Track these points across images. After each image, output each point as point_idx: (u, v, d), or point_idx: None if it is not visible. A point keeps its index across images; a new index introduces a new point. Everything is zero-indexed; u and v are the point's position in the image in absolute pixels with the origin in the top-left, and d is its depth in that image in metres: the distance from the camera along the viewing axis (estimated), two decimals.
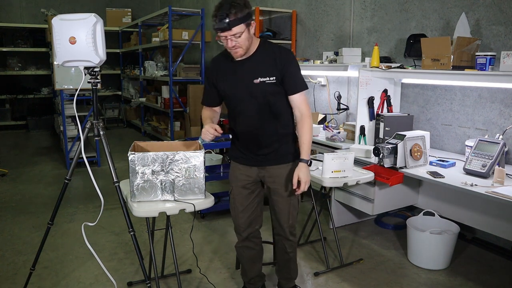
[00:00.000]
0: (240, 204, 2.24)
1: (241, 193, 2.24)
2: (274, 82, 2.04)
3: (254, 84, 2.04)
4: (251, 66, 2.05)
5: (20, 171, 5.27)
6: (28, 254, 3.03)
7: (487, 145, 2.64)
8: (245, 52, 2.02)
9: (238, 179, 2.23)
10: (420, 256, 2.87)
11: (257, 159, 2.17)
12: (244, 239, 2.32)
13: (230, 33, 1.89)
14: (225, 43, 1.95)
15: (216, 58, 2.19)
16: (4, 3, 8.29)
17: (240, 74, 2.07)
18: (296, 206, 2.25)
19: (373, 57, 3.35)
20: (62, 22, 2.07)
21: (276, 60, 2.04)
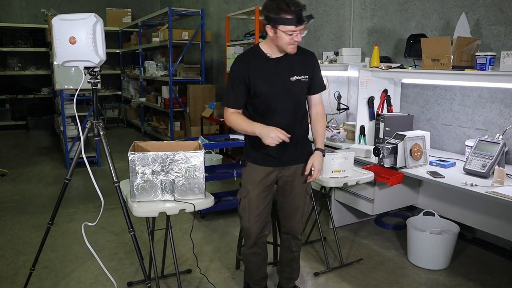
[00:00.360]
0: (256, 207, 2.19)
1: (258, 196, 2.19)
2: (307, 80, 2.13)
3: (291, 82, 2.09)
4: (288, 64, 2.10)
5: (20, 171, 5.27)
6: (28, 254, 3.03)
7: (487, 145, 2.64)
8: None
9: (257, 182, 2.18)
10: (420, 256, 2.87)
11: (280, 159, 2.16)
12: (253, 245, 2.27)
13: (301, 28, 1.96)
14: (292, 37, 1.97)
15: (244, 57, 2.14)
16: (4, 3, 8.29)
17: (277, 71, 2.09)
18: (309, 204, 2.31)
19: (373, 57, 3.35)
20: (62, 22, 2.08)
21: (307, 61, 2.15)
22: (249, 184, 2.19)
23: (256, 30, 4.89)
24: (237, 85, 2.09)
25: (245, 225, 2.24)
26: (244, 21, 6.11)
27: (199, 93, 6.31)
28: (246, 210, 2.21)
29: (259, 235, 2.25)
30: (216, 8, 6.98)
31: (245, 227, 2.24)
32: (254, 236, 2.24)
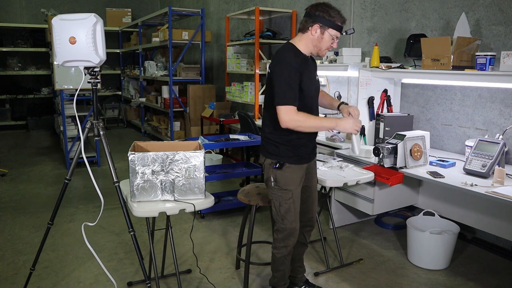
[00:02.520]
0: (299, 206, 2.26)
1: (299, 194, 2.26)
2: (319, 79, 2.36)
3: (317, 81, 2.32)
4: (313, 65, 2.27)
5: (20, 171, 5.27)
6: (28, 254, 3.03)
7: (487, 145, 2.64)
8: None
9: (298, 181, 2.23)
10: (420, 256, 2.87)
11: (310, 156, 2.30)
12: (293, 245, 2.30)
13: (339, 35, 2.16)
14: (331, 43, 2.15)
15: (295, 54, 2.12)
16: (4, 3, 8.29)
17: (313, 71, 2.25)
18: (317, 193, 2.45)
19: (373, 57, 3.35)
20: (62, 22, 2.08)
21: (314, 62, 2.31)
22: (292, 185, 2.20)
23: (256, 30, 4.89)
24: (294, 80, 2.04)
25: (291, 226, 2.23)
26: (244, 21, 6.11)
27: (199, 93, 6.32)
28: (291, 210, 2.21)
29: (299, 230, 2.31)
30: (216, 8, 6.98)
31: (291, 228, 2.23)
32: (297, 234, 2.28)
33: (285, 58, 2.08)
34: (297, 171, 2.22)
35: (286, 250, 2.28)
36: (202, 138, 3.77)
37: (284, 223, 2.22)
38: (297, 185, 2.23)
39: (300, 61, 2.10)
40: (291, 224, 2.22)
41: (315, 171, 2.41)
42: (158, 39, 6.58)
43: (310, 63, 2.21)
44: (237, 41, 5.51)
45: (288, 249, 2.29)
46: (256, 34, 4.90)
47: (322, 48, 2.14)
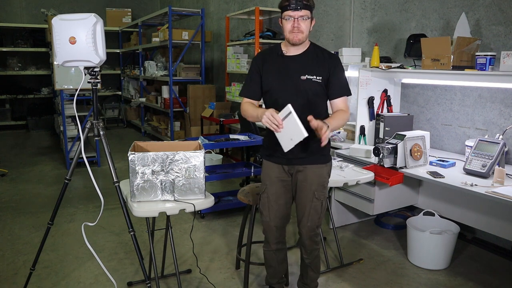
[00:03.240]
0: (276, 202, 2.22)
1: (277, 191, 2.22)
2: (319, 81, 2.12)
3: (301, 81, 2.11)
4: (300, 62, 2.14)
5: (20, 171, 5.27)
6: (28, 254, 3.03)
7: (487, 145, 2.64)
8: (302, 41, 2.10)
9: (273, 177, 2.22)
10: (420, 256, 2.87)
11: (288, 157, 2.16)
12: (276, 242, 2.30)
13: (299, 14, 2.03)
14: (291, 24, 2.05)
15: (263, 52, 2.26)
16: (4, 3, 8.29)
17: (289, 69, 2.13)
18: (318, 210, 2.20)
19: (373, 57, 3.35)
20: (62, 22, 2.08)
21: (325, 62, 2.14)
22: (267, 180, 2.23)
23: (256, 30, 4.89)
24: (252, 77, 2.19)
25: (266, 220, 2.26)
26: (244, 21, 6.11)
27: (199, 93, 6.32)
28: (266, 205, 2.24)
29: (279, 230, 2.28)
30: (216, 8, 6.98)
31: (266, 222, 2.26)
32: (274, 231, 2.26)
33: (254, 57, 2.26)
34: (271, 167, 2.22)
35: (268, 246, 2.32)
36: (202, 138, 3.77)
37: (262, 217, 2.28)
38: (272, 182, 2.21)
39: (262, 58, 2.19)
40: (266, 218, 2.27)
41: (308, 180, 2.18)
42: (158, 39, 6.58)
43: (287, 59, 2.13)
44: (237, 41, 5.51)
45: (269, 245, 2.31)
46: (256, 34, 4.90)
47: (286, 35, 2.09)
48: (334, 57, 2.20)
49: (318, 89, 2.12)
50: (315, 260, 2.33)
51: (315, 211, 2.20)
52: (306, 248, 2.28)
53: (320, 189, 2.19)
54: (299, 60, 2.14)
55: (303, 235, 2.25)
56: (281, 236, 2.33)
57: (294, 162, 2.19)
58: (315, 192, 2.18)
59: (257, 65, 2.19)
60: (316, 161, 2.19)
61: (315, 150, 2.15)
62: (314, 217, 2.21)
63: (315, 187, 2.18)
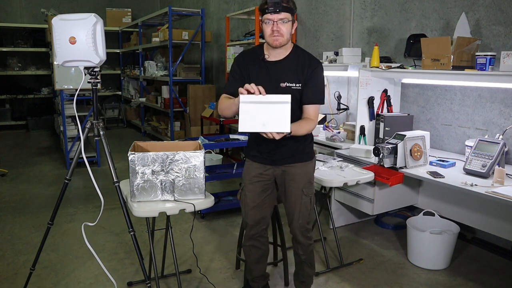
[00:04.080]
0: (252, 201, 2.24)
1: (254, 191, 2.24)
2: (299, 88, 2.11)
3: (281, 87, 2.10)
4: (281, 69, 2.12)
5: (20, 171, 5.27)
6: (28, 254, 3.03)
7: (487, 145, 2.64)
8: (282, 45, 2.06)
9: (252, 177, 2.24)
10: (420, 256, 2.87)
11: (273, 158, 2.19)
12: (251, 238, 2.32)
13: (278, 17, 1.99)
14: (270, 27, 2.01)
15: (245, 53, 2.24)
16: (4, 3, 8.29)
17: (270, 75, 2.12)
18: (307, 206, 2.24)
19: (373, 57, 3.35)
20: (62, 22, 2.08)
21: (304, 68, 2.11)
22: (246, 179, 2.27)
23: (256, 30, 4.89)
24: (237, 74, 2.16)
25: (243, 216, 2.33)
26: (244, 21, 6.11)
27: (199, 93, 6.32)
28: (243, 202, 2.29)
29: (254, 227, 2.29)
30: (216, 8, 6.98)
31: (244, 220, 2.32)
32: (249, 228, 2.30)
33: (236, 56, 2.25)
34: (253, 168, 2.25)
35: (246, 241, 2.35)
36: (202, 138, 3.77)
37: (242, 214, 2.33)
38: (250, 181, 2.24)
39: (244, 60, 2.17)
40: (243, 215, 2.32)
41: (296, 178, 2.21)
42: (158, 39, 6.58)
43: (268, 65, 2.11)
44: (237, 41, 5.51)
45: (247, 241, 2.34)
46: (256, 34, 4.90)
47: (267, 39, 2.06)
48: (315, 62, 2.15)
49: (297, 96, 2.11)
50: (310, 255, 2.37)
51: (305, 207, 2.24)
52: (302, 244, 2.31)
53: (308, 186, 2.24)
54: (280, 66, 2.11)
55: (296, 233, 2.28)
56: (257, 235, 2.33)
57: (280, 163, 2.20)
58: (303, 189, 2.22)
59: (240, 66, 2.17)
60: (302, 159, 2.23)
61: (298, 149, 2.20)
62: (304, 213, 2.24)
63: (303, 184, 2.22)
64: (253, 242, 2.34)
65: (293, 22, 2.07)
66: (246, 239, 2.36)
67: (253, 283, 2.48)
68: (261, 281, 2.48)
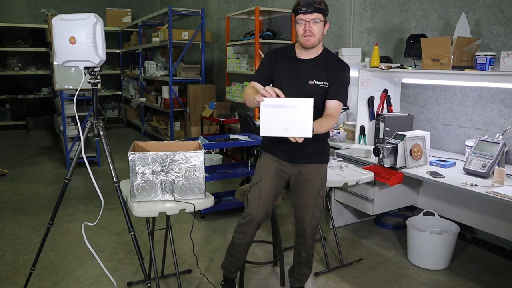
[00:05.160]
0: (266, 196, 2.23)
1: (270, 186, 2.24)
2: (326, 87, 2.16)
3: (309, 85, 2.15)
4: (311, 67, 2.17)
5: (20, 171, 5.27)
6: (28, 254, 3.03)
7: (487, 145, 2.64)
8: (314, 45, 2.12)
9: (270, 171, 2.24)
10: (420, 256, 2.87)
11: (293, 155, 2.20)
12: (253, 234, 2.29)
13: (310, 17, 2.05)
14: (302, 27, 2.07)
15: (277, 50, 2.28)
16: (4, 3, 8.29)
17: (299, 72, 2.17)
18: (321, 207, 2.26)
19: (373, 57, 3.35)
20: (62, 22, 2.08)
21: (333, 69, 2.17)
22: (263, 172, 2.25)
23: (256, 30, 4.89)
24: (264, 68, 2.22)
25: (252, 212, 2.23)
26: (244, 21, 6.11)
27: (199, 93, 6.31)
28: (256, 197, 2.23)
29: (260, 225, 2.28)
30: (216, 8, 6.98)
31: (251, 214, 2.23)
32: (256, 224, 2.25)
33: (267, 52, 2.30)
34: (271, 161, 2.25)
35: (244, 237, 2.29)
36: (202, 138, 3.77)
37: (248, 209, 2.25)
38: (268, 176, 2.24)
39: (276, 56, 2.23)
40: (252, 211, 2.23)
41: (312, 179, 2.23)
42: (158, 39, 6.58)
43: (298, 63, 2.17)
44: (237, 41, 5.51)
45: (246, 237, 2.28)
46: (256, 34, 4.90)
47: (299, 38, 2.12)
48: (344, 65, 2.21)
49: (323, 94, 2.17)
50: (311, 257, 2.38)
51: (319, 209, 2.25)
52: (307, 246, 2.30)
53: (323, 187, 2.27)
54: (310, 64, 2.17)
55: (307, 233, 2.26)
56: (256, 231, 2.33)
57: (298, 161, 2.22)
58: (320, 190, 2.24)
59: (271, 61, 2.23)
60: (319, 160, 2.26)
61: (317, 150, 2.22)
62: (318, 215, 2.26)
63: (319, 185, 2.24)
64: (252, 239, 2.34)
65: (325, 23, 2.13)
66: (246, 236, 2.30)
67: (233, 274, 2.48)
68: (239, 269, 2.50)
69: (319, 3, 2.06)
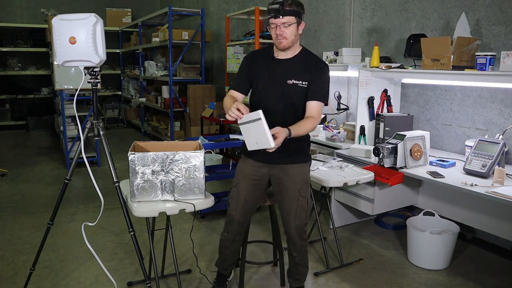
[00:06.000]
0: (244, 198, 2.27)
1: (247, 188, 2.27)
2: (304, 86, 2.16)
3: (287, 84, 2.16)
4: (288, 67, 2.18)
5: (20, 171, 5.27)
6: (28, 254, 3.03)
7: (487, 145, 2.64)
8: (288, 47, 2.12)
9: (247, 173, 2.27)
10: (420, 256, 2.87)
11: (271, 156, 2.16)
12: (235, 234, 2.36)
13: (281, 21, 2.05)
14: (274, 31, 2.09)
15: (256, 52, 2.33)
16: (4, 3, 8.29)
17: (277, 72, 2.17)
18: (304, 207, 2.25)
19: (373, 57, 3.35)
20: (62, 22, 2.07)
21: (311, 68, 2.17)
22: (240, 175, 2.30)
23: (256, 30, 4.89)
24: (242, 72, 2.26)
25: (231, 213, 2.31)
26: (244, 21, 6.11)
27: (199, 93, 6.31)
28: (234, 199, 2.30)
29: (241, 224, 2.32)
30: (216, 8, 6.98)
31: (231, 215, 2.31)
32: (237, 225, 2.31)
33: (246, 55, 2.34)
34: (248, 164, 2.29)
35: (227, 235, 2.36)
36: (202, 138, 3.77)
37: (228, 209, 2.34)
38: (245, 178, 2.28)
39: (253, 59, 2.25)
40: (231, 211, 2.31)
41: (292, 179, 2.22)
42: (158, 39, 6.58)
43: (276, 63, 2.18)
44: (237, 41, 5.51)
45: (229, 235, 2.35)
46: (256, 34, 4.90)
47: (274, 41, 2.15)
48: (322, 64, 2.21)
49: (302, 94, 2.17)
50: (304, 256, 2.38)
51: (302, 209, 2.24)
52: (296, 246, 2.31)
53: (305, 187, 2.25)
54: (288, 64, 2.18)
55: (292, 234, 2.28)
56: (241, 230, 2.37)
57: (276, 162, 2.22)
58: (301, 190, 2.23)
59: (248, 64, 2.26)
60: (299, 160, 2.25)
61: (296, 150, 2.22)
62: (301, 215, 2.25)
63: (300, 185, 2.23)
64: (236, 237, 2.38)
65: (299, 24, 2.11)
66: (228, 234, 2.36)
67: (225, 271, 2.53)
68: (231, 266, 2.54)
69: (289, 5, 2.04)
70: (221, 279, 2.55)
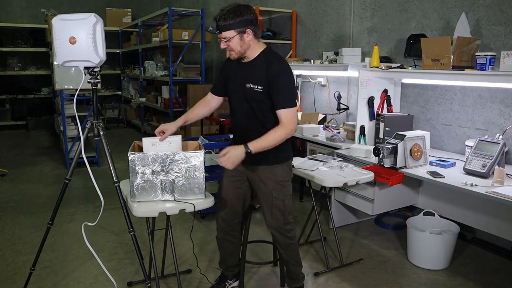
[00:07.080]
0: (226, 196, 2.34)
1: (227, 186, 2.34)
2: (260, 91, 2.12)
3: (246, 88, 2.17)
4: (247, 70, 2.18)
5: (20, 171, 5.27)
6: (28, 254, 3.03)
7: (487, 145, 2.64)
8: (239, 56, 2.14)
9: (226, 173, 2.33)
10: (420, 256, 2.87)
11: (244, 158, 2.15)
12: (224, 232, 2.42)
13: (221, 36, 2.08)
14: (221, 45, 2.13)
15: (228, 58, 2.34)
16: (4, 3, 8.29)
17: (239, 75, 2.20)
18: (280, 208, 2.25)
19: (373, 57, 3.35)
20: (62, 22, 2.07)
21: (268, 71, 2.08)
22: (223, 173, 2.37)
23: None
24: (221, 75, 2.34)
25: (217, 211, 2.43)
26: None
27: (199, 93, 6.30)
28: (218, 196, 2.38)
29: (226, 221, 2.37)
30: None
31: (217, 212, 2.41)
32: (221, 222, 2.39)
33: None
34: None
35: (217, 234, 2.46)
36: (202, 138, 3.77)
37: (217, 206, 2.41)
38: (225, 175, 2.35)
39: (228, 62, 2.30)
40: (217, 209, 2.41)
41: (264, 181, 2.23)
42: (158, 39, 6.58)
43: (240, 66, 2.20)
44: None
45: (218, 234, 2.44)
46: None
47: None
48: (280, 64, 2.10)
49: (260, 98, 2.12)
50: (293, 254, 2.39)
51: (277, 209, 2.26)
52: (281, 244, 2.36)
53: (278, 189, 2.23)
54: (248, 67, 2.17)
55: (272, 232, 2.34)
56: (229, 229, 2.40)
57: (247, 162, 2.17)
58: (273, 192, 2.24)
59: (224, 67, 2.33)
60: (268, 162, 2.21)
61: (269, 151, 2.12)
62: (277, 215, 2.27)
63: (272, 186, 2.23)
64: (227, 236, 2.42)
65: (243, 33, 2.06)
66: (219, 232, 2.43)
67: (227, 272, 2.56)
68: (235, 268, 2.56)
69: (224, 20, 2.02)
70: (221, 279, 2.58)
